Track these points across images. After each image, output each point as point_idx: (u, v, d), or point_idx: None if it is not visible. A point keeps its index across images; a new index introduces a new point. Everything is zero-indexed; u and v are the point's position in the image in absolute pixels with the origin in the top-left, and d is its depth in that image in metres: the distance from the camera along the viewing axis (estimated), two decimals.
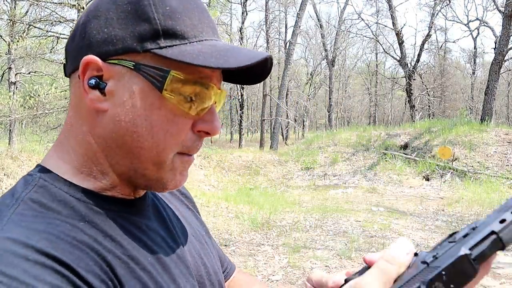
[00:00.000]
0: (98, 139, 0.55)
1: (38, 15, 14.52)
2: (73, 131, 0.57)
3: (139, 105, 0.53)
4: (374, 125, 21.22)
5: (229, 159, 12.57)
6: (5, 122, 11.14)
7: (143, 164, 0.55)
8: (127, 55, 0.53)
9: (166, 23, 0.53)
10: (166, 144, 0.55)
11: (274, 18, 30.64)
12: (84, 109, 0.55)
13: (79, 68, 0.54)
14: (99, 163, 0.56)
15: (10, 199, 0.51)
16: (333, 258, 4.92)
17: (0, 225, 0.47)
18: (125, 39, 0.52)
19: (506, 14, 14.50)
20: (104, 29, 0.53)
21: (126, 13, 0.53)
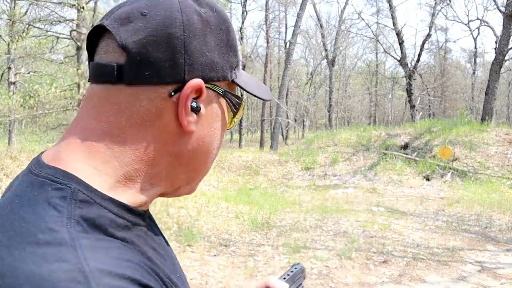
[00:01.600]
0: (170, 156, 0.55)
1: (37, 15, 14.51)
2: (129, 145, 0.52)
3: (218, 127, 0.58)
4: (374, 125, 21.21)
5: (229, 159, 12.56)
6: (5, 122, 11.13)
7: (199, 176, 0.60)
8: (221, 83, 0.56)
9: (239, 55, 0.59)
10: (215, 158, 0.61)
11: (274, 18, 30.67)
12: (165, 127, 0.53)
13: (168, 83, 0.52)
14: (154, 177, 0.54)
15: (59, 217, 0.44)
16: (333, 258, 4.90)
17: (76, 251, 0.41)
18: (224, 68, 0.55)
19: (507, 13, 14.48)
20: (206, 52, 0.53)
21: (221, 40, 0.55)
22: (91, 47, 0.55)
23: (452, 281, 4.36)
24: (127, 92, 0.51)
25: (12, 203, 0.47)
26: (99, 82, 0.53)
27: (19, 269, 0.39)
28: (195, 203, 7.01)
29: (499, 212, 7.40)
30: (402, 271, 4.59)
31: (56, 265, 0.40)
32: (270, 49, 25.90)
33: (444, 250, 5.32)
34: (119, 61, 0.51)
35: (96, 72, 0.53)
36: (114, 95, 0.52)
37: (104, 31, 0.53)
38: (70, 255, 0.41)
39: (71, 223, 0.44)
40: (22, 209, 0.45)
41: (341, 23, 28.79)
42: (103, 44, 0.53)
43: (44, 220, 0.43)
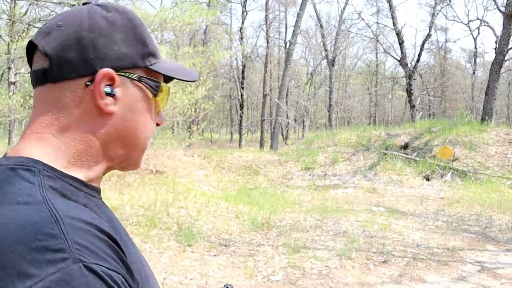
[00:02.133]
0: (101, 136, 0.67)
1: (37, 15, 14.51)
2: (69, 130, 0.65)
3: (140, 107, 0.69)
4: (374, 125, 21.20)
5: (229, 159, 12.55)
6: (5, 122, 11.13)
7: (135, 151, 0.71)
8: (133, 70, 0.68)
9: (152, 46, 0.70)
10: (149, 136, 0.73)
11: (274, 18, 30.64)
12: (89, 111, 0.65)
13: (84, 76, 0.64)
14: (95, 155, 0.67)
15: (32, 186, 0.57)
16: (333, 258, 4.90)
17: (48, 205, 0.54)
18: (133, 57, 0.68)
19: (507, 13, 14.48)
20: (113, 47, 0.66)
21: (128, 35, 0.68)
22: (30, 61, 0.69)
23: (452, 281, 4.36)
24: (54, 89, 0.65)
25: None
26: (36, 86, 0.67)
27: (6, 220, 0.52)
28: (195, 203, 7.02)
29: (499, 212, 7.40)
30: (402, 271, 4.59)
31: (34, 214, 0.53)
32: (270, 49, 25.89)
33: (444, 250, 5.32)
34: (44, 66, 0.65)
35: (32, 78, 0.67)
36: (46, 94, 0.65)
37: (35, 45, 0.67)
38: (45, 208, 0.54)
39: (44, 190, 0.57)
40: (2, 186, 0.57)
41: (341, 23, 28.78)
42: (35, 55, 0.67)
43: (22, 190, 0.56)
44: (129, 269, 0.58)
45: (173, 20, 9.17)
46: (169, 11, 9.56)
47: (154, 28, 9.29)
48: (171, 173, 10.09)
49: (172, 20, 9.17)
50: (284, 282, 4.25)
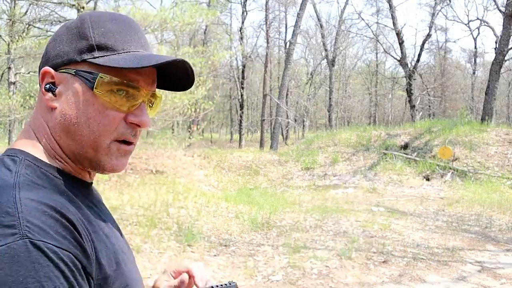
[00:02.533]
0: (51, 130, 0.72)
1: (37, 15, 14.51)
2: (37, 123, 0.73)
3: (79, 101, 0.70)
4: (374, 125, 21.19)
5: (229, 159, 12.55)
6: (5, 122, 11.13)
7: (84, 148, 0.71)
8: (70, 65, 0.71)
9: (99, 40, 0.71)
10: (101, 132, 0.70)
11: (274, 18, 30.63)
12: (43, 107, 0.73)
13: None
14: (55, 149, 0.72)
15: (9, 172, 0.64)
16: (333, 258, 4.90)
17: (15, 189, 0.60)
18: (69, 53, 0.71)
19: (507, 13, 14.48)
20: (56, 47, 0.72)
21: (71, 34, 0.72)
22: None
23: (452, 281, 4.36)
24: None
25: None
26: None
27: None
28: (195, 203, 7.02)
29: (499, 212, 7.39)
30: (402, 271, 4.59)
31: (1, 195, 0.59)
32: (270, 49, 25.88)
33: (444, 250, 5.32)
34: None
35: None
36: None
37: None
38: (11, 191, 0.60)
39: (17, 176, 0.63)
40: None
41: (341, 23, 28.78)
42: None
43: (1, 176, 0.63)
44: (85, 251, 0.61)
45: (173, 20, 9.17)
46: (169, 11, 9.56)
47: (154, 28, 9.29)
48: (171, 173, 10.10)
49: (172, 20, 9.17)
50: (284, 282, 4.25)
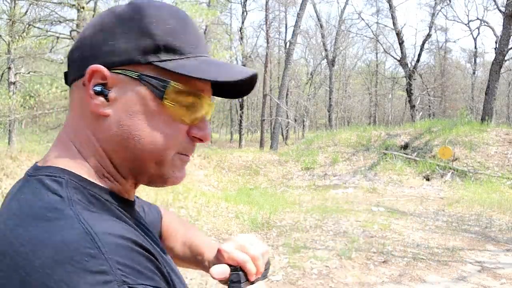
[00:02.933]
0: (103, 143, 0.60)
1: (37, 15, 14.51)
2: (79, 134, 0.60)
3: (141, 110, 0.59)
4: (374, 125, 21.19)
5: (229, 159, 12.55)
6: (5, 122, 11.13)
7: (145, 163, 0.61)
8: (130, 66, 0.58)
9: (166, 40, 0.59)
10: (167, 145, 0.60)
11: (274, 18, 30.64)
12: (87, 114, 0.60)
13: (83, 75, 0.59)
14: (106, 165, 0.61)
15: (60, 199, 0.53)
16: (333, 258, 4.90)
17: (81, 221, 0.50)
18: (129, 52, 0.58)
19: (507, 13, 14.48)
20: (109, 41, 0.58)
21: (129, 27, 0.59)
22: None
23: (452, 281, 4.36)
24: (71, 92, 0.63)
25: (17, 199, 0.56)
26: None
27: (37, 239, 0.48)
28: (195, 203, 7.02)
29: (499, 212, 7.39)
30: (402, 271, 4.59)
31: (67, 232, 0.48)
32: (270, 49, 25.88)
33: (444, 250, 5.32)
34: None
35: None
36: (71, 97, 0.63)
37: None
38: (77, 224, 0.49)
39: (72, 203, 0.52)
40: (28, 198, 0.54)
41: (341, 23, 28.78)
42: None
43: (50, 203, 0.52)
44: (168, 282, 0.55)
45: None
46: None
47: None
48: None
49: None
50: (284, 282, 4.25)
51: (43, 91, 10.30)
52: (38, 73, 16.35)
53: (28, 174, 0.59)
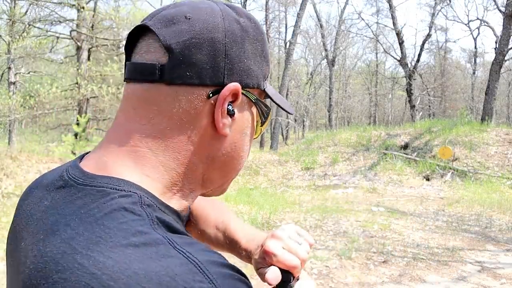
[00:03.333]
0: (206, 160, 0.56)
1: (37, 15, 14.51)
2: (171, 148, 0.53)
3: (248, 134, 0.59)
4: (374, 125, 21.20)
5: None
6: (5, 122, 11.13)
7: (229, 181, 0.62)
8: (253, 89, 0.58)
9: (270, 67, 0.61)
10: (242, 166, 0.62)
11: (274, 18, 30.65)
12: (203, 129, 0.54)
13: (208, 85, 0.53)
14: (193, 182, 0.56)
15: (139, 218, 0.45)
16: (333, 258, 4.90)
17: (177, 247, 0.43)
18: (258, 76, 0.57)
19: (507, 13, 14.48)
20: (243, 59, 0.55)
21: (257, 50, 0.57)
22: (129, 48, 0.56)
23: (452, 281, 4.36)
24: (167, 92, 0.52)
25: (76, 214, 0.46)
26: (138, 81, 0.53)
27: (128, 270, 0.40)
28: None
29: (499, 212, 7.40)
30: (402, 271, 4.59)
31: (166, 261, 0.41)
32: (270, 49, 25.89)
33: (444, 250, 5.32)
34: (161, 60, 0.52)
35: (135, 71, 0.53)
36: (153, 95, 0.52)
37: (144, 32, 0.54)
38: (173, 251, 0.42)
39: (155, 225, 0.45)
40: (97, 217, 0.45)
41: (341, 23, 28.79)
42: (144, 44, 0.54)
43: (129, 225, 0.44)
44: None
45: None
46: None
47: None
48: None
49: None
50: None
51: (43, 91, 10.30)
52: (38, 73, 16.36)
53: (76, 182, 0.50)
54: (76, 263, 0.41)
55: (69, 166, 0.55)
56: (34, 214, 0.52)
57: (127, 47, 0.56)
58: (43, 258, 0.44)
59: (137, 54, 0.54)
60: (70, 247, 0.43)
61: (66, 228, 0.45)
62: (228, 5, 0.58)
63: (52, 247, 0.44)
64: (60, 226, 0.46)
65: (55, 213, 0.49)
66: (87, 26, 13.83)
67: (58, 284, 0.41)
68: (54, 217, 0.48)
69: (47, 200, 0.52)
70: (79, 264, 0.41)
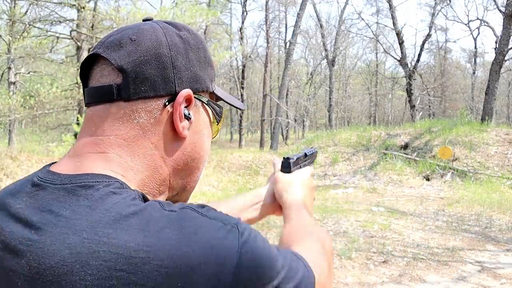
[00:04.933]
0: (170, 162, 0.61)
1: (37, 15, 14.51)
2: (137, 154, 0.58)
3: (206, 134, 0.66)
4: (374, 125, 21.20)
5: (229, 159, 12.55)
6: (5, 122, 11.14)
7: (194, 181, 0.67)
8: (203, 92, 0.65)
9: (215, 70, 0.68)
10: (204, 165, 0.68)
11: (274, 18, 30.66)
12: (165, 135, 0.60)
13: (162, 95, 0.59)
14: (163, 184, 0.61)
15: (127, 195, 0.52)
16: (333, 258, 4.90)
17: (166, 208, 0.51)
18: (206, 80, 0.64)
19: (507, 13, 14.48)
20: (190, 67, 0.62)
21: (200, 57, 0.64)
22: (84, 76, 0.62)
23: (452, 281, 4.36)
24: (126, 107, 0.58)
25: (66, 208, 0.50)
26: (99, 103, 0.59)
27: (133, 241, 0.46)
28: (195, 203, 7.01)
29: (499, 212, 7.40)
30: (402, 271, 4.59)
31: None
32: (270, 49, 25.88)
33: (444, 250, 5.32)
34: (116, 81, 0.58)
35: (95, 95, 0.59)
36: (113, 112, 0.58)
37: (96, 59, 0.60)
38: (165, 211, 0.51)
39: (143, 199, 0.53)
40: (89, 205, 0.50)
41: (341, 23, 28.79)
42: (98, 70, 0.60)
43: (124, 201, 0.50)
44: None
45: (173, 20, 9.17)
46: (169, 11, 9.57)
47: None
48: None
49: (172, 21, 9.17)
50: None
51: (43, 91, 10.31)
52: (38, 73, 16.35)
53: (55, 184, 0.53)
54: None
55: (38, 173, 0.57)
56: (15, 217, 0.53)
57: (82, 76, 0.62)
58: (65, 252, 0.47)
59: (93, 80, 0.60)
60: (78, 235, 0.47)
61: (59, 221, 0.49)
62: (167, 22, 0.65)
63: (67, 240, 0.47)
64: (51, 226, 0.49)
65: (38, 212, 0.51)
66: (87, 26, 13.83)
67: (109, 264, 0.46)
68: (39, 215, 0.51)
69: (20, 204, 0.54)
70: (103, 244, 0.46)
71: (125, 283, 0.45)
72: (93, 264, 0.45)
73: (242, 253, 0.49)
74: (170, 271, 0.45)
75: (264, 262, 0.51)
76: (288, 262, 0.56)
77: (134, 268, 0.45)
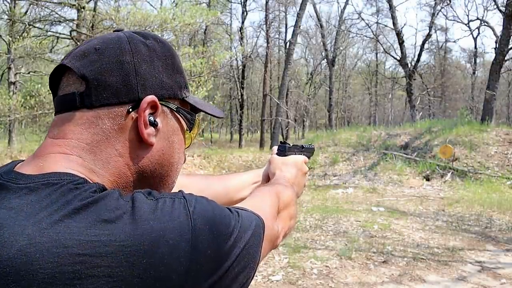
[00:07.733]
0: (136, 169, 0.61)
1: (37, 15, 14.51)
2: (100, 160, 0.58)
3: (176, 141, 0.65)
4: (374, 125, 21.21)
5: (229, 159, 12.55)
6: (5, 122, 11.14)
7: (166, 188, 0.66)
8: (171, 99, 0.64)
9: (186, 78, 0.68)
10: (179, 173, 0.69)
11: (274, 18, 30.60)
12: (129, 141, 0.60)
13: (125, 102, 0.59)
14: (125, 189, 0.61)
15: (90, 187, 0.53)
16: (333, 258, 4.90)
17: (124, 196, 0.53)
18: (172, 87, 0.64)
19: (507, 13, 14.48)
20: (155, 74, 0.62)
21: (167, 64, 0.64)
22: (54, 87, 0.63)
23: (452, 281, 4.36)
24: (89, 114, 0.59)
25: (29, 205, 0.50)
26: (64, 111, 0.60)
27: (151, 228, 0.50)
28: None
29: (499, 212, 7.40)
30: (402, 271, 4.59)
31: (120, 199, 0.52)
32: (270, 49, 25.86)
33: (444, 250, 5.32)
34: (80, 89, 0.59)
35: (61, 103, 0.61)
36: (77, 118, 0.59)
37: (64, 70, 0.61)
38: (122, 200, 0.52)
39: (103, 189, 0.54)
40: (52, 200, 0.50)
41: (341, 23, 28.80)
42: (64, 80, 0.61)
43: (84, 193, 0.51)
44: None
45: (173, 21, 9.18)
46: (170, 12, 9.57)
47: (154, 29, 9.29)
48: None
49: (172, 21, 9.18)
50: (284, 282, 4.26)
51: (43, 91, 10.30)
52: (38, 73, 16.35)
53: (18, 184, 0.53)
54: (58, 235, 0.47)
55: (1, 173, 0.57)
56: None
57: (51, 87, 0.63)
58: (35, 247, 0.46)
59: (60, 90, 0.61)
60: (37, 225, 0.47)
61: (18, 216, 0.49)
62: (134, 32, 0.65)
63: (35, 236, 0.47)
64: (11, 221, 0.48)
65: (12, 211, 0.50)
66: (87, 26, 13.83)
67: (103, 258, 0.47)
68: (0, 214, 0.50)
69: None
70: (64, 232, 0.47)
71: (90, 266, 0.45)
72: (54, 252, 0.45)
73: (194, 218, 0.52)
74: (133, 250, 0.47)
75: (217, 221, 0.54)
76: (241, 215, 0.59)
77: (97, 251, 0.46)
